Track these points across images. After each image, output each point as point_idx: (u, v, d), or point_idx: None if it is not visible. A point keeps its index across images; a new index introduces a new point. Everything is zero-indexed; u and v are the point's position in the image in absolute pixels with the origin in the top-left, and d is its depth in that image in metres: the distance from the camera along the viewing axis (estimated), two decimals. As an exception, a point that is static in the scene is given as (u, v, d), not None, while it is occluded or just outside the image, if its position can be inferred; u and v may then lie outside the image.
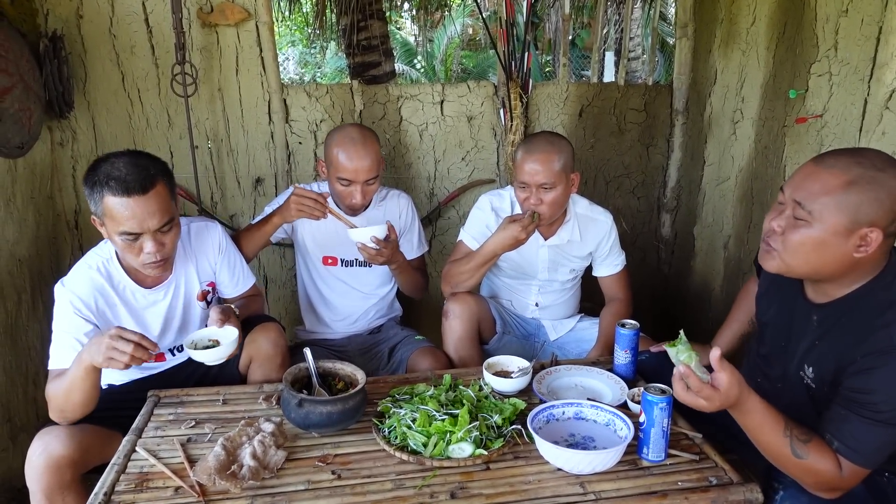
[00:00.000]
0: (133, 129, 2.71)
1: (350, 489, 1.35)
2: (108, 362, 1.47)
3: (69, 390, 1.55)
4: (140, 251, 1.63)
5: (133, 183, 1.57)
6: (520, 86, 2.83)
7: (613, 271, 2.27)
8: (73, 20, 2.55)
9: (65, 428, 1.58)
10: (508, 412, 1.57)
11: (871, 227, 1.21)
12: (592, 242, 2.22)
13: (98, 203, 1.60)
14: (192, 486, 1.34)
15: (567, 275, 2.27)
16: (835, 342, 1.33)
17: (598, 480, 1.37)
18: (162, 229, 1.63)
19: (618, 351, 1.82)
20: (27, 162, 2.39)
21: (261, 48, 2.70)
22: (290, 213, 2.04)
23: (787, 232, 1.28)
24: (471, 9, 11.53)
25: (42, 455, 1.51)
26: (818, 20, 2.19)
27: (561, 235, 2.18)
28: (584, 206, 2.23)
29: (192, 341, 1.68)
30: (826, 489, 1.29)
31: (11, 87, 2.15)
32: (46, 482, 1.50)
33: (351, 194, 2.10)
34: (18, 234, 2.31)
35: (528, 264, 2.23)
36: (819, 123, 2.21)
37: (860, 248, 1.23)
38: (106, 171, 1.58)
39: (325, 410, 1.51)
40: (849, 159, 1.23)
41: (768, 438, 1.29)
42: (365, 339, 2.36)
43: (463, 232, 2.23)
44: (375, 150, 2.11)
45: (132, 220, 1.58)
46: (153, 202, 1.60)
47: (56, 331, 1.68)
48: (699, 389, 1.26)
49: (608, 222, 2.23)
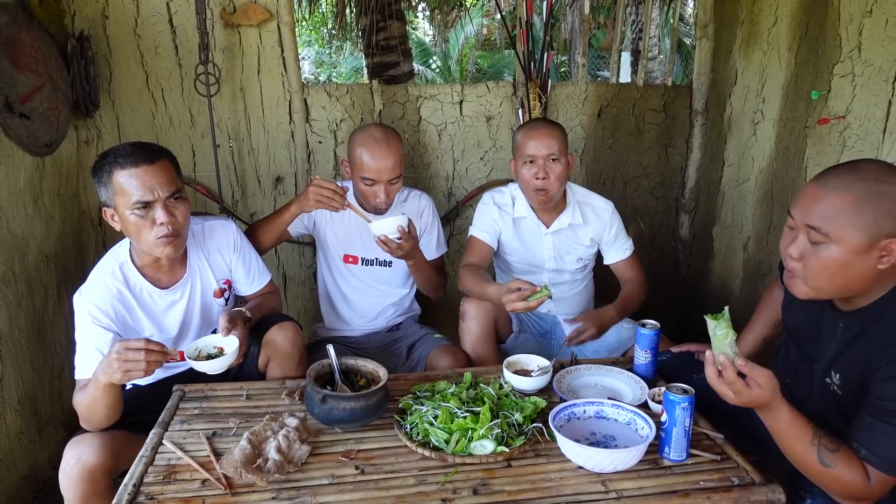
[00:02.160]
0: (156, 129, 2.75)
1: (374, 484, 1.37)
2: (126, 376, 1.49)
3: (92, 407, 1.58)
4: (153, 224, 1.67)
5: (140, 156, 1.66)
6: (539, 86, 2.84)
7: (623, 256, 2.31)
8: (99, 21, 2.60)
9: (96, 435, 1.60)
10: (529, 410, 1.58)
11: (890, 238, 1.21)
12: (595, 227, 2.27)
13: (108, 185, 1.65)
14: (219, 478, 1.37)
15: (575, 263, 2.30)
16: (861, 349, 1.32)
17: (620, 479, 1.38)
18: (173, 197, 1.68)
19: (638, 351, 1.83)
20: (54, 160, 2.43)
21: (282, 48, 2.73)
22: (308, 203, 2.02)
23: (808, 257, 1.27)
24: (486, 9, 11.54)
25: (76, 466, 1.53)
26: (841, 20, 2.18)
27: (562, 220, 2.23)
28: (583, 192, 2.31)
29: (197, 348, 1.70)
30: (853, 499, 1.28)
31: (41, 86, 2.19)
32: (82, 491, 1.53)
33: (375, 193, 2.11)
34: (45, 230, 2.36)
35: (534, 255, 2.28)
36: (841, 125, 2.20)
37: (882, 260, 1.23)
38: (112, 154, 1.68)
39: (349, 406, 1.53)
40: (850, 176, 1.23)
41: (795, 446, 1.29)
42: (384, 336, 2.37)
43: (472, 229, 2.28)
44: (399, 150, 2.13)
45: (142, 187, 1.64)
46: (161, 171, 1.67)
47: (79, 341, 1.70)
48: (732, 382, 1.26)
49: (609, 208, 2.29)
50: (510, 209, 2.25)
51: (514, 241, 2.27)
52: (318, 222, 2.28)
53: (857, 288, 1.29)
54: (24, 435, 2.18)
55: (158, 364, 1.51)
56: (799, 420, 1.29)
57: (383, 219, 2.03)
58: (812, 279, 1.29)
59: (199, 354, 1.69)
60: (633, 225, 3.18)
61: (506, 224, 2.25)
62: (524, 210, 2.24)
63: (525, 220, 2.25)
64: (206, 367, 1.64)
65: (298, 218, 2.22)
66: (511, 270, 2.35)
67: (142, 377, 1.51)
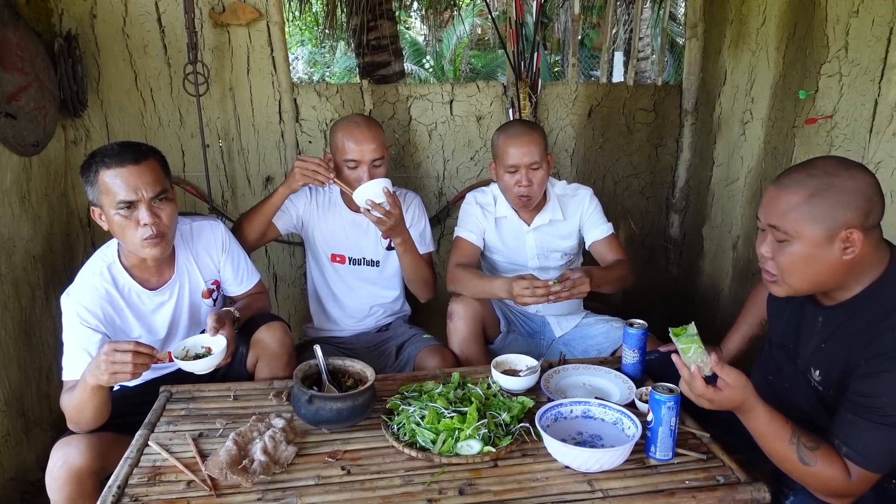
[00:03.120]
0: (145, 128, 2.73)
1: (359, 484, 1.37)
2: (113, 378, 1.49)
3: (80, 408, 1.58)
4: (137, 224, 1.66)
5: (126, 155, 1.65)
6: (529, 86, 2.84)
7: (601, 235, 2.25)
8: (87, 20, 2.58)
9: (83, 437, 1.60)
10: (517, 410, 1.58)
11: (848, 228, 1.24)
12: (575, 216, 2.26)
13: (94, 184, 1.65)
14: (205, 479, 1.36)
15: (559, 260, 2.29)
16: (840, 345, 1.33)
17: (606, 478, 1.38)
18: (157, 198, 1.67)
19: (626, 350, 1.83)
20: (42, 160, 2.42)
21: (272, 48, 2.73)
22: (295, 180, 2.07)
23: (776, 256, 1.32)
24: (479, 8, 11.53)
25: (63, 467, 1.53)
26: (829, 21, 2.19)
27: (543, 217, 2.24)
28: (562, 186, 2.30)
29: (185, 348, 1.69)
30: (835, 495, 1.29)
31: (27, 85, 2.18)
32: (68, 493, 1.52)
33: (359, 177, 2.11)
34: (33, 231, 2.34)
35: (517, 253, 2.28)
36: (829, 124, 2.21)
37: (847, 251, 1.26)
38: (100, 153, 1.68)
39: (335, 407, 1.53)
40: (802, 174, 1.29)
41: (775, 445, 1.31)
42: (373, 336, 2.37)
43: (458, 229, 2.29)
44: (379, 134, 2.16)
45: (126, 188, 1.63)
46: (147, 172, 1.66)
47: (66, 342, 1.70)
48: (701, 394, 1.31)
49: (587, 193, 2.28)
50: (492, 208, 2.26)
51: (497, 240, 2.28)
52: (306, 222, 2.28)
53: (830, 281, 1.32)
54: (11, 436, 2.17)
55: (146, 367, 1.51)
56: (777, 420, 1.30)
57: (366, 184, 2.02)
58: (785, 276, 1.33)
59: (187, 354, 1.68)
60: (624, 225, 3.19)
61: (489, 223, 2.26)
62: (505, 210, 2.25)
63: (506, 219, 2.26)
64: (194, 367, 1.64)
65: (287, 215, 2.22)
66: (496, 270, 2.35)
67: (129, 380, 1.51)
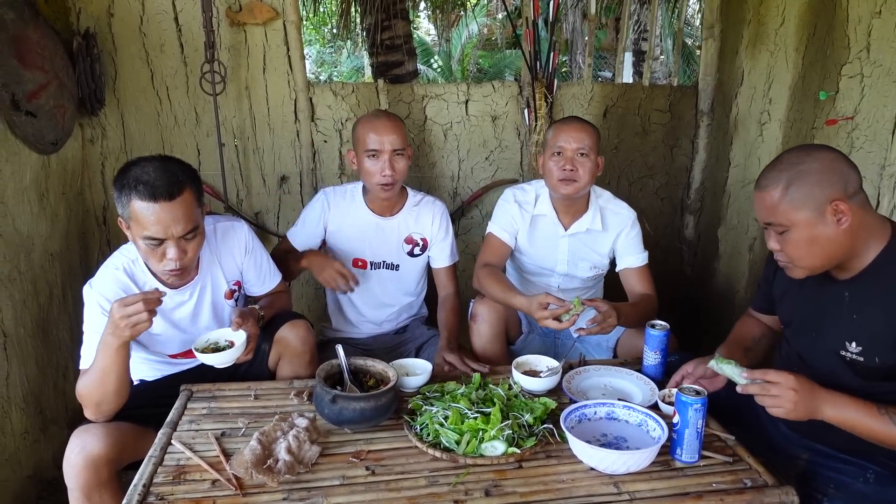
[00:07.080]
0: (161, 127, 2.74)
1: (385, 485, 1.36)
2: (136, 329, 1.51)
3: (102, 379, 1.58)
4: (163, 257, 1.64)
5: (160, 188, 1.58)
6: (545, 86, 2.83)
7: (636, 263, 2.19)
8: (104, 18, 2.59)
9: (101, 426, 1.60)
10: (539, 411, 1.58)
11: (832, 202, 1.34)
12: (612, 233, 2.20)
13: (125, 206, 1.61)
14: (230, 479, 1.36)
15: (588, 271, 2.24)
16: (879, 310, 1.38)
17: (633, 481, 1.37)
18: (186, 237, 1.64)
19: (647, 352, 1.82)
20: (60, 158, 2.42)
21: (288, 47, 2.72)
22: (323, 279, 2.15)
23: (783, 246, 1.43)
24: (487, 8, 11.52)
25: (80, 454, 1.53)
26: (850, 21, 2.18)
27: (581, 223, 2.17)
28: (607, 197, 2.24)
29: (208, 340, 1.71)
30: None
31: (47, 84, 2.18)
32: (84, 480, 1.52)
33: (381, 169, 2.10)
34: (50, 229, 2.35)
35: (546, 257, 2.23)
36: (850, 126, 2.20)
37: (841, 221, 1.35)
38: (135, 175, 1.59)
39: (358, 407, 1.52)
40: (773, 171, 1.41)
41: (871, 424, 1.33)
42: (391, 338, 2.36)
43: (491, 225, 2.23)
44: (400, 126, 2.16)
45: (157, 225, 1.59)
46: (179, 209, 1.60)
47: (86, 331, 1.70)
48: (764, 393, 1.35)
49: (631, 216, 2.22)
50: (531, 207, 2.19)
51: (527, 243, 2.22)
52: (330, 230, 2.27)
53: (839, 252, 1.40)
54: (29, 433, 2.17)
55: (158, 303, 1.54)
56: (856, 400, 1.34)
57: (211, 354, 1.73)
58: (798, 261, 1.43)
59: (208, 346, 1.69)
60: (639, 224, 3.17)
61: (524, 223, 2.20)
62: (545, 208, 2.19)
63: (544, 218, 2.20)
64: (213, 360, 1.64)
65: (310, 233, 2.28)
66: (522, 270, 2.32)
67: (147, 328, 1.53)
